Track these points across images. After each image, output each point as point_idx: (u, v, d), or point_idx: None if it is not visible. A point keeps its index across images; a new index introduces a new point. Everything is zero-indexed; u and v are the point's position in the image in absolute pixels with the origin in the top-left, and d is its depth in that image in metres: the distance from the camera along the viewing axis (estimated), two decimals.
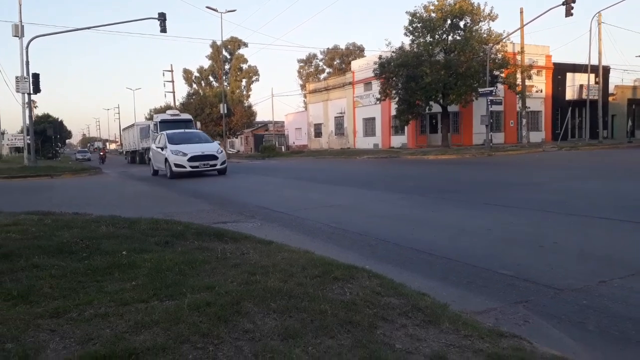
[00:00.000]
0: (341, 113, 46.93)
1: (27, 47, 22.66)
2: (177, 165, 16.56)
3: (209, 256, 3.97)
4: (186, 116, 35.20)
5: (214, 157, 17.12)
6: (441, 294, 3.39)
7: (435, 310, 2.81)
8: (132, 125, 42.59)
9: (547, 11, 26.65)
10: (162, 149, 17.73)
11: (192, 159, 16.60)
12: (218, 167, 17.17)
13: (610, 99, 42.26)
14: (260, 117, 67.56)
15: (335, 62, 68.28)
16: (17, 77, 22.52)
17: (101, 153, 46.16)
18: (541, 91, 39.10)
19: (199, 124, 34.93)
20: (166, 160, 17.04)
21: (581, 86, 38.83)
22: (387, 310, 2.80)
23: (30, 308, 2.86)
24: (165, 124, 31.49)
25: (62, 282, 3.32)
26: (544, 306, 3.27)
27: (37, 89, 22.92)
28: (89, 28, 27.52)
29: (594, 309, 3.18)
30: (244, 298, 2.91)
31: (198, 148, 17.11)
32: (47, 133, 49.84)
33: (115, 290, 3.13)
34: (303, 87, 64.40)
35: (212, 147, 17.86)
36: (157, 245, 4.38)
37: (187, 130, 22.97)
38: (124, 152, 48.50)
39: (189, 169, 16.61)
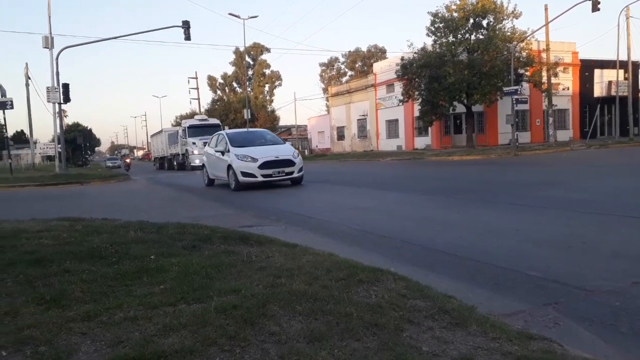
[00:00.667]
0: (364, 115, 46.83)
1: (57, 58, 23.32)
2: (245, 174, 13.03)
3: (234, 259, 4.01)
4: (214, 121, 35.12)
5: (291, 163, 13.37)
6: (468, 296, 3.34)
7: (462, 312, 2.78)
8: (160, 131, 42.89)
9: (572, 7, 26.06)
10: (222, 153, 14.09)
11: (265, 165, 13.00)
12: (295, 175, 13.43)
13: None
14: (283, 122, 68.05)
15: (357, 65, 68.25)
16: (47, 88, 23.18)
17: (127, 160, 45.50)
18: (568, 89, 38.28)
19: (227, 128, 34.74)
20: (229, 167, 13.51)
21: (610, 82, 37.88)
22: (413, 313, 2.78)
23: (62, 312, 2.94)
24: (193, 130, 31.71)
25: (92, 286, 3.40)
26: (575, 308, 3.19)
27: (67, 99, 23.54)
28: (115, 38, 28.36)
29: (627, 310, 3.09)
30: (269, 301, 2.93)
31: (271, 152, 13.46)
32: (77, 141, 51.02)
33: (144, 294, 3.19)
34: (325, 90, 64.55)
35: (286, 150, 14.03)
36: (184, 249, 4.45)
37: (250, 130, 20.59)
38: (153, 159, 49.19)
39: (260, 178, 13.03)
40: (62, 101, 23.44)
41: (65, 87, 23.24)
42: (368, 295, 3.08)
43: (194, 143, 30.65)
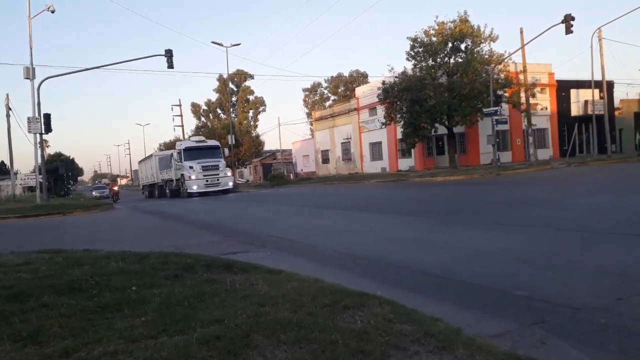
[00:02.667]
0: (347, 139, 47.14)
1: (38, 89, 23.14)
2: None
3: (218, 288, 3.94)
4: (213, 142, 32.27)
5: None
6: (455, 318, 3.31)
7: (449, 335, 2.75)
8: (150, 156, 39.76)
9: (546, 30, 26.83)
10: None
11: None
12: None
13: (616, 113, 42.11)
14: (268, 146, 68.10)
15: (339, 90, 68.96)
16: (29, 118, 22.93)
17: (115, 188, 39.37)
18: (546, 109, 39.07)
19: (226, 150, 32.59)
20: None
21: (586, 102, 38.75)
22: (400, 338, 2.74)
23: (39, 349, 2.84)
24: (190, 152, 29.19)
25: (71, 320, 3.30)
26: (562, 327, 3.19)
27: (48, 129, 23.30)
28: (97, 67, 28.11)
29: (613, 328, 3.09)
30: (253, 330, 2.86)
31: None
32: (59, 171, 50.37)
33: (125, 327, 3.10)
34: (309, 115, 64.98)
35: None
36: (166, 280, 4.36)
37: None
38: (141, 186, 44.86)
39: None
40: (43, 131, 23.18)
41: (47, 117, 23.04)
42: (354, 321, 3.04)
43: (191, 167, 28.51)
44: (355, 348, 2.58)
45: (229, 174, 30.70)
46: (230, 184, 30.36)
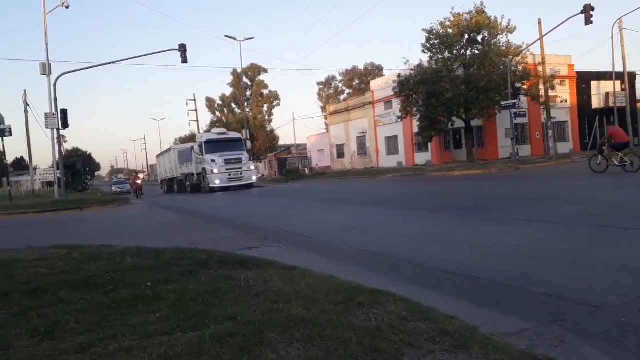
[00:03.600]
0: (363, 133, 46.96)
1: (54, 85, 23.45)
2: None
3: (232, 285, 3.94)
4: (235, 135, 31.34)
5: None
6: (470, 315, 3.27)
7: (464, 333, 2.71)
8: (169, 149, 38.70)
9: (565, 20, 26.31)
10: None
11: None
12: None
13: (638, 105, 41.21)
14: (282, 141, 68.22)
15: (354, 83, 68.72)
16: (46, 114, 23.25)
17: (137, 182, 35.11)
18: (566, 101, 38.43)
19: (249, 142, 31.60)
20: None
21: (607, 94, 38.03)
22: (414, 336, 2.71)
23: (56, 344, 2.87)
24: (211, 145, 28.18)
25: (87, 316, 3.34)
26: (581, 325, 3.12)
27: (65, 124, 23.61)
28: (112, 63, 28.57)
29: (633, 326, 3.02)
30: (266, 327, 2.86)
31: None
32: (76, 167, 51.01)
33: (140, 323, 3.12)
34: (324, 109, 64.85)
35: None
36: (181, 276, 4.38)
37: None
38: (159, 181, 43.56)
39: None
40: (60, 127, 23.50)
41: (64, 112, 23.34)
42: (368, 319, 3.01)
43: (212, 160, 27.53)
44: (369, 346, 2.56)
45: (252, 167, 29.87)
46: (254, 178, 29.50)
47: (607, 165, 15.76)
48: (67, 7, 24.09)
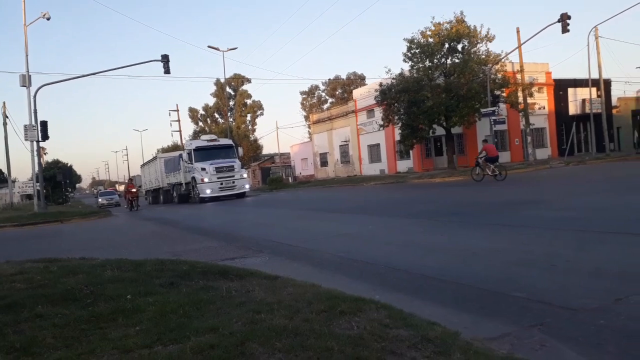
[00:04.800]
0: (346, 141, 47.14)
1: (34, 96, 23.12)
2: None
3: (213, 296, 3.90)
4: (226, 141, 29.65)
5: None
6: (453, 321, 3.29)
7: (446, 339, 2.72)
8: (154, 158, 36.56)
9: (543, 29, 26.92)
10: None
11: None
12: None
13: (614, 111, 42.16)
14: (266, 150, 68.21)
15: (337, 92, 69.07)
16: (25, 126, 22.88)
17: (132, 190, 29.10)
18: (544, 108, 39.11)
19: (241, 149, 29.69)
20: None
21: (584, 100, 38.81)
22: (396, 343, 2.71)
23: None
24: (201, 152, 26.77)
25: (65, 331, 3.27)
26: (561, 328, 3.16)
27: (45, 136, 23.25)
28: (93, 74, 28.08)
29: (612, 328, 3.06)
30: (248, 338, 2.83)
31: None
32: (56, 179, 50.25)
33: (119, 337, 3.07)
34: (307, 118, 64.99)
35: None
36: (161, 287, 4.32)
37: None
38: (144, 192, 41.18)
39: None
40: (40, 139, 23.13)
41: (44, 124, 23.00)
42: (350, 327, 3.00)
43: (203, 169, 26.26)
44: (351, 355, 2.55)
45: (245, 175, 28.39)
46: (247, 186, 28.23)
47: (483, 175, 20.31)
48: (48, 19, 23.86)
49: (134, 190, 29.22)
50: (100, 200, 44.86)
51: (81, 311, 3.70)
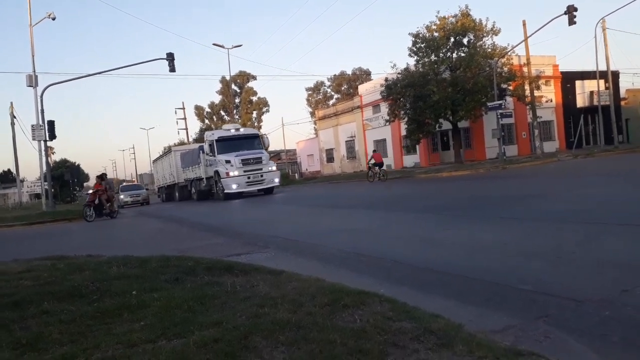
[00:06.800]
0: (352, 137, 47.09)
1: (41, 96, 23.25)
2: None
3: (218, 291, 3.92)
4: (251, 131, 27.51)
5: None
6: (458, 313, 3.28)
7: (449, 332, 2.71)
8: (169, 151, 33.53)
9: (549, 22, 26.63)
10: None
11: None
12: None
13: (622, 103, 41.79)
14: (272, 147, 67.91)
15: (342, 88, 68.92)
16: (32, 126, 23.03)
17: (96, 191, 18.71)
18: (551, 101, 38.83)
19: (267, 139, 26.22)
20: None
21: (591, 93, 38.49)
22: (399, 336, 2.71)
23: (38, 355, 2.84)
24: (224, 144, 24.12)
25: (71, 327, 3.30)
26: (566, 320, 3.14)
27: (52, 136, 23.40)
28: (100, 73, 28.20)
29: (617, 319, 3.04)
30: (252, 332, 2.84)
31: None
32: (64, 178, 50.66)
33: (124, 332, 3.09)
34: (312, 114, 65.00)
35: None
36: (167, 283, 4.35)
37: None
38: (156, 189, 38.41)
39: None
40: (47, 138, 23.28)
41: (51, 124, 23.14)
42: (353, 320, 3.00)
43: (227, 161, 23.44)
44: (354, 347, 2.55)
45: (274, 168, 25.24)
46: (277, 180, 25.25)
47: (374, 176, 25.65)
48: (53, 19, 23.99)
49: (101, 189, 18.91)
50: (122, 197, 32.95)
51: (87, 307, 3.73)
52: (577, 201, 9.11)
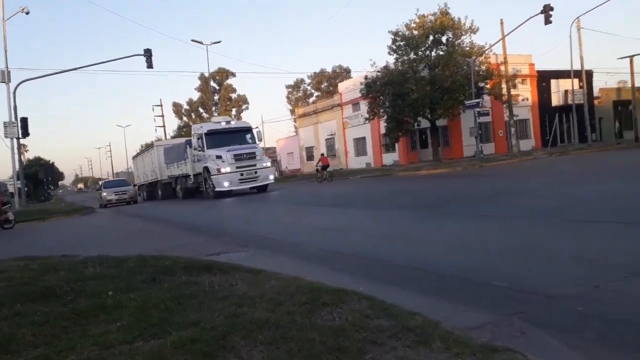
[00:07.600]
0: (332, 135, 47.10)
1: (14, 92, 22.71)
2: None
3: (196, 290, 3.88)
4: (243, 124, 25.22)
5: None
6: (435, 310, 3.31)
7: (426, 329, 2.74)
8: (151, 147, 31.12)
9: (526, 21, 27.06)
10: None
11: None
12: None
13: (596, 102, 42.67)
14: None
15: (322, 86, 68.86)
16: (5, 123, 22.50)
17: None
18: (527, 99, 39.43)
19: (258, 131, 24.39)
20: None
21: (566, 91, 39.18)
22: (377, 333, 2.72)
23: (11, 358, 2.79)
24: (214, 138, 22.30)
25: (44, 328, 3.23)
26: (540, 316, 3.20)
27: (25, 133, 22.90)
28: (75, 69, 27.65)
29: (590, 315, 3.11)
30: (230, 332, 2.82)
31: None
32: (38, 176, 49.62)
33: (100, 333, 3.04)
34: (292, 112, 64.81)
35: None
36: (144, 283, 4.29)
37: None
38: (137, 187, 34.56)
39: None
40: (20, 136, 22.77)
41: (24, 121, 22.62)
42: (332, 318, 3.01)
43: (218, 157, 21.67)
44: (332, 345, 2.56)
45: (268, 164, 23.68)
46: (271, 177, 23.66)
47: (323, 178, 27.87)
48: (27, 13, 23.47)
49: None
50: (105, 194, 29.11)
51: (61, 308, 3.66)
52: (553, 198, 9.28)
